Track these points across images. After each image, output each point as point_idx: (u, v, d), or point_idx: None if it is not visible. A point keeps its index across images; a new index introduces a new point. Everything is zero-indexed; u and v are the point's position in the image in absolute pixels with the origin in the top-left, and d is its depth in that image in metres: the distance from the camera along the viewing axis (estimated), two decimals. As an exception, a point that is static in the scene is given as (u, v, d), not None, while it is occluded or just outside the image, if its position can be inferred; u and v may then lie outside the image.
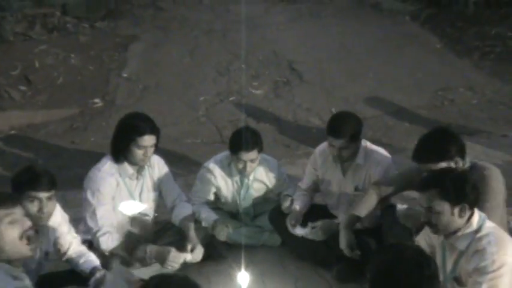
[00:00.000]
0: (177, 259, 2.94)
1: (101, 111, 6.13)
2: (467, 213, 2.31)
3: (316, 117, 5.91)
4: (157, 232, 3.30)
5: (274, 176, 3.43)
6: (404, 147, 5.15)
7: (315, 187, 3.40)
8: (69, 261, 2.87)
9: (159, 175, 3.28)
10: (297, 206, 3.25)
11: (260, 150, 3.25)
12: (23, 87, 6.45)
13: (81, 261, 2.83)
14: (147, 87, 6.49)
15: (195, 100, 6.23)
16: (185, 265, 3.01)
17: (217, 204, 3.47)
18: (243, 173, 3.27)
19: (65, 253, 2.86)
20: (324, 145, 3.32)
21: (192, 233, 3.11)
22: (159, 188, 3.29)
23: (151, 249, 2.99)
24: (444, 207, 2.28)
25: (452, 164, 2.63)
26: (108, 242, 2.99)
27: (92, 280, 2.74)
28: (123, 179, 3.11)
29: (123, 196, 3.13)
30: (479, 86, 6.46)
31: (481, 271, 2.21)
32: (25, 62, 6.81)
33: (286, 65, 6.99)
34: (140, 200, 3.20)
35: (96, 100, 6.33)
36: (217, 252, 3.26)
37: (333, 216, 3.30)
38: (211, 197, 3.40)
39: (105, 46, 7.39)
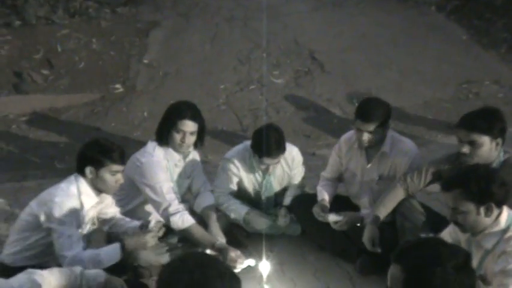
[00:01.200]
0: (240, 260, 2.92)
1: (121, 96, 6.14)
2: (495, 212, 2.24)
3: (337, 108, 5.84)
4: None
5: (295, 165, 3.39)
6: (427, 140, 5.08)
7: (339, 176, 3.36)
8: (113, 227, 3.01)
9: (192, 163, 3.32)
10: (325, 195, 3.21)
11: (283, 152, 3.20)
12: (45, 71, 6.49)
13: (127, 223, 2.98)
14: (167, 74, 6.48)
15: (215, 88, 6.20)
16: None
17: (239, 194, 3.45)
18: (265, 172, 3.28)
19: (106, 221, 3.00)
20: (349, 133, 3.27)
21: (214, 223, 3.12)
22: (190, 175, 3.33)
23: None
24: (469, 207, 2.23)
25: (494, 144, 2.63)
26: (179, 222, 3.01)
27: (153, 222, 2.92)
28: (169, 165, 3.15)
29: None
30: (506, 80, 6.31)
31: (508, 273, 2.14)
32: (47, 46, 6.84)
33: (307, 54, 6.90)
34: (178, 187, 3.23)
35: (117, 85, 6.34)
36: (238, 241, 3.24)
37: (356, 207, 3.26)
38: (235, 187, 3.38)
39: (126, 32, 7.38)
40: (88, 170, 2.69)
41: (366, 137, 2.98)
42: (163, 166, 3.10)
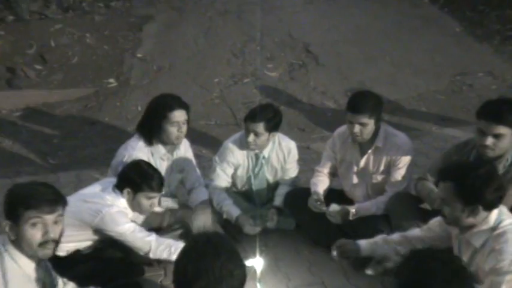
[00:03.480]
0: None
1: (115, 91, 6.12)
2: (482, 215, 2.21)
3: (331, 101, 5.84)
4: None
5: (290, 158, 3.39)
6: (422, 132, 5.09)
7: (333, 171, 3.37)
8: None
9: (184, 156, 3.30)
10: (319, 188, 3.23)
11: (269, 127, 3.18)
12: (38, 66, 6.46)
13: None
14: (161, 68, 6.46)
15: (209, 82, 6.18)
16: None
17: (233, 188, 3.45)
18: (247, 143, 3.22)
19: None
20: (343, 128, 3.27)
21: None
22: (183, 169, 3.31)
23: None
24: (456, 203, 2.20)
25: (509, 136, 2.60)
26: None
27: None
28: (155, 160, 3.12)
29: None
30: (499, 71, 6.32)
31: (499, 271, 2.12)
32: (41, 41, 6.81)
33: (301, 47, 6.89)
34: (168, 181, 3.21)
35: (111, 80, 6.31)
36: (231, 236, 3.24)
37: (350, 201, 3.27)
38: (230, 179, 3.38)
39: (119, 26, 7.35)
40: (126, 191, 2.82)
41: (357, 129, 2.98)
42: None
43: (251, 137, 3.17)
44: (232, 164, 3.34)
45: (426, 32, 7.18)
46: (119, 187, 2.83)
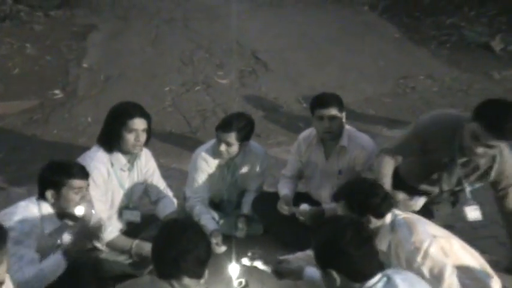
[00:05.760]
0: None
1: (62, 102, 5.92)
2: (377, 223, 2.39)
3: (283, 106, 5.92)
4: (140, 225, 3.21)
5: (259, 165, 3.41)
6: (373, 134, 5.24)
7: (299, 174, 3.43)
8: None
9: (146, 167, 3.22)
10: (286, 191, 3.27)
11: (240, 137, 3.18)
12: (-24, 78, 6.15)
13: None
14: (109, 78, 6.31)
15: (160, 90, 6.12)
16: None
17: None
18: (219, 153, 3.21)
19: None
20: (307, 132, 3.35)
21: None
22: (145, 180, 3.23)
23: (140, 245, 2.93)
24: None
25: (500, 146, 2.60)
26: (105, 235, 2.94)
27: None
28: (115, 170, 3.03)
29: (114, 188, 3.06)
30: (439, 74, 6.66)
31: (411, 259, 2.29)
32: (-23, 52, 6.49)
33: (250, 54, 6.97)
34: (130, 193, 3.13)
35: (56, 91, 6.10)
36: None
37: (316, 202, 3.34)
38: (208, 188, 3.35)
39: (62, 35, 7.14)
40: (49, 194, 2.57)
41: (328, 123, 3.06)
42: (102, 173, 2.96)
43: (223, 147, 3.16)
44: (207, 173, 3.32)
45: (368, 38, 7.46)
46: (42, 194, 2.58)
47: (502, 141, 2.55)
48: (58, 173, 2.57)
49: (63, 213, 2.62)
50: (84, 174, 2.64)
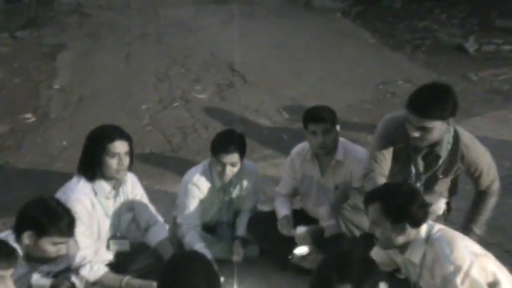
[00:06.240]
0: None
1: (34, 126, 5.66)
2: (411, 232, 2.27)
3: (265, 118, 5.80)
4: (130, 255, 3.03)
5: (253, 183, 3.28)
6: (359, 142, 5.16)
7: (294, 192, 3.30)
8: None
9: (133, 193, 3.05)
10: (286, 211, 3.14)
11: (242, 155, 3.08)
12: None
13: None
14: (82, 98, 6.09)
15: (137, 109, 5.92)
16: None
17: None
18: (221, 177, 3.08)
19: None
20: (299, 146, 3.23)
21: None
22: (133, 207, 3.05)
23: (130, 282, 2.75)
24: (385, 223, 2.25)
25: (444, 125, 2.60)
26: (91, 274, 2.74)
27: None
28: (99, 199, 2.85)
29: (100, 218, 2.88)
30: (416, 78, 6.63)
31: (449, 278, 2.16)
32: None
33: (226, 67, 6.85)
34: (117, 221, 2.95)
35: (28, 115, 5.84)
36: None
37: (313, 220, 3.21)
38: (200, 216, 3.19)
39: (30, 57, 6.89)
40: (27, 234, 2.32)
41: (322, 138, 2.95)
42: (85, 205, 2.78)
43: (228, 169, 3.02)
44: (199, 199, 3.16)
45: (344, 45, 7.43)
46: (18, 230, 2.32)
47: (426, 119, 2.55)
48: (47, 219, 2.34)
49: (31, 257, 2.40)
50: (71, 230, 2.43)
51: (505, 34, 7.41)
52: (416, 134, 2.60)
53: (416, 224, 2.25)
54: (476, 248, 2.27)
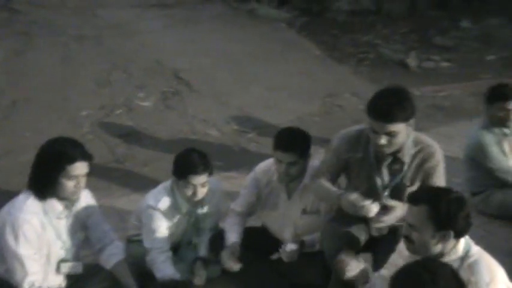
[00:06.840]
0: None
1: (-41, 132, 5.14)
2: (451, 242, 2.17)
3: (214, 129, 5.61)
4: (82, 278, 2.75)
5: (216, 200, 3.11)
6: (312, 155, 5.12)
7: (251, 210, 3.14)
8: None
9: (86, 210, 2.77)
10: (235, 238, 2.99)
11: (210, 173, 2.90)
12: None
13: None
14: (15, 102, 5.62)
15: (76, 115, 5.53)
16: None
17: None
18: (191, 200, 2.88)
19: None
20: (265, 164, 3.08)
21: (129, 281, 2.66)
22: (86, 225, 2.78)
23: None
24: (427, 227, 2.13)
25: (407, 127, 2.57)
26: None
27: None
28: (50, 220, 2.58)
29: (50, 240, 2.60)
30: (362, 92, 6.69)
31: None
32: None
33: (171, 73, 6.59)
34: (69, 243, 2.69)
35: (-48, 120, 5.30)
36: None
37: (275, 239, 3.07)
38: (168, 238, 2.95)
39: (-48, 56, 6.28)
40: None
41: (286, 169, 2.82)
42: (34, 224, 2.53)
43: (200, 191, 2.87)
44: (165, 221, 2.94)
45: (290, 56, 7.39)
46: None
47: (392, 123, 2.52)
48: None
49: None
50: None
51: (443, 51, 7.71)
52: (383, 141, 2.57)
53: (459, 235, 2.15)
54: (506, 279, 2.21)
